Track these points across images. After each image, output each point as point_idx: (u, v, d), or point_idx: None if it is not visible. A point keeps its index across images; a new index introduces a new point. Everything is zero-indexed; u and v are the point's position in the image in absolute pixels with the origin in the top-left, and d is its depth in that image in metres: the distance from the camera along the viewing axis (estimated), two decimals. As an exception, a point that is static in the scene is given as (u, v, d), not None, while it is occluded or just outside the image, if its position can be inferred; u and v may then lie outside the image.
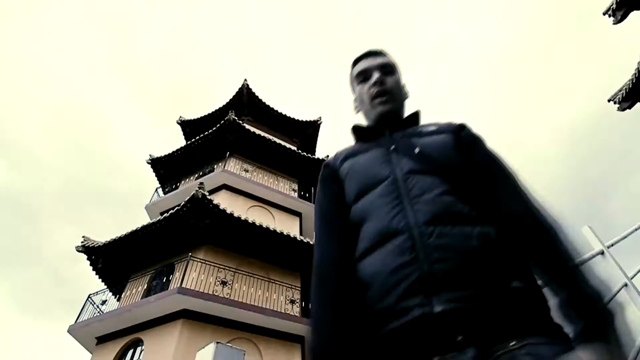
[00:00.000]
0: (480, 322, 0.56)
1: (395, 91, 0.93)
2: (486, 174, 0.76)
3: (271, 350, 8.89)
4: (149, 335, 8.49)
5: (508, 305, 0.57)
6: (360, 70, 0.96)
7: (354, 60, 1.01)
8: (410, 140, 0.83)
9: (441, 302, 0.57)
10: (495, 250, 0.63)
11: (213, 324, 8.53)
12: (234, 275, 9.71)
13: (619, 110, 11.29)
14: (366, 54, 0.99)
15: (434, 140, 0.82)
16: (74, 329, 9.03)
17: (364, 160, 0.83)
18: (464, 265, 0.60)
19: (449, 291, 0.57)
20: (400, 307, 0.59)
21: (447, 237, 0.63)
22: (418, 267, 0.61)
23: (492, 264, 0.61)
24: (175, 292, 8.08)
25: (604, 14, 10.73)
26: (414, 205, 0.69)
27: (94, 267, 10.75)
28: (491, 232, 0.65)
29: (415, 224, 0.66)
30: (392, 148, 0.82)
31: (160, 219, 9.80)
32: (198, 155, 14.00)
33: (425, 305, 0.57)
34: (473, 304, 0.56)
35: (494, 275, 0.59)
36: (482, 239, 0.63)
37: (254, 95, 15.89)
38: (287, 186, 13.72)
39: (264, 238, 10.32)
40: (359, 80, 0.97)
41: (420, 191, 0.70)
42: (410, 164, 0.76)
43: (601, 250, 2.78)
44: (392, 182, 0.74)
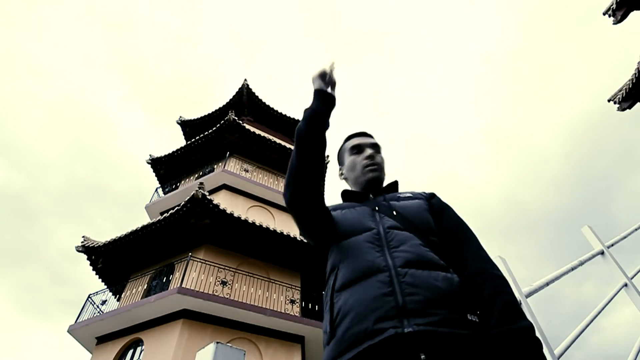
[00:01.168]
0: (441, 344, 0.69)
1: (382, 165, 1.16)
2: (454, 236, 0.95)
3: (271, 350, 8.89)
4: (149, 335, 8.49)
5: (465, 334, 0.71)
6: (355, 145, 1.19)
7: (348, 137, 1.25)
8: (389, 203, 1.03)
9: (410, 325, 0.70)
10: (456, 291, 0.78)
11: (213, 324, 8.54)
12: (234, 275, 9.71)
13: (619, 110, 11.28)
14: (359, 133, 1.24)
15: (409, 204, 1.03)
16: (74, 329, 9.03)
17: (354, 212, 1.02)
18: (430, 299, 0.74)
19: (417, 317, 0.71)
20: (377, 327, 0.72)
21: (417, 277, 0.79)
22: (394, 299, 0.75)
23: (453, 301, 0.76)
24: (175, 292, 8.08)
25: (604, 14, 10.73)
26: (392, 253, 0.85)
27: (94, 267, 10.76)
28: (454, 278, 0.81)
29: (393, 266, 0.82)
30: (376, 208, 1.01)
31: (160, 219, 9.81)
32: (198, 155, 14.01)
33: (398, 327, 0.71)
34: (437, 328, 0.70)
35: (454, 309, 0.74)
36: (445, 282, 0.79)
37: (254, 95, 15.91)
38: (287, 186, 13.70)
39: (264, 238, 10.33)
40: (352, 152, 1.19)
41: (398, 243, 0.88)
42: (390, 222, 0.95)
43: (601, 250, 2.78)
44: (376, 234, 0.92)
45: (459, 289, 0.79)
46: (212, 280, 9.25)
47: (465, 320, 0.73)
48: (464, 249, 0.91)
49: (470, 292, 0.81)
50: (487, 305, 0.77)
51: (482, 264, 0.86)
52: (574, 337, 1.84)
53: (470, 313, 0.75)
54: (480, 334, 0.73)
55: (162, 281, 9.95)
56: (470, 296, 0.80)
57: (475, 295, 0.80)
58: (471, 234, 0.96)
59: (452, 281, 0.80)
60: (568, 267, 2.25)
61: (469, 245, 0.92)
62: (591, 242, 2.87)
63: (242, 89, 15.77)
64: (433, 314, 0.72)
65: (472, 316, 0.75)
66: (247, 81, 15.86)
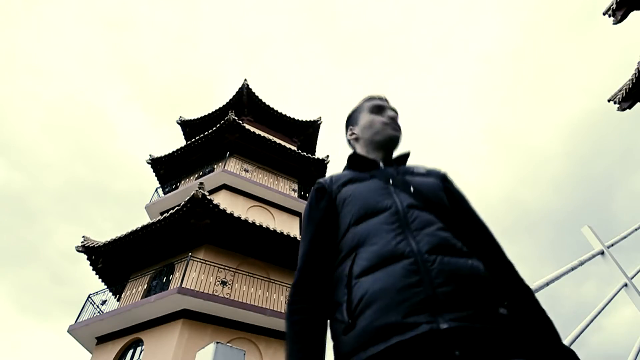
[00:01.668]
0: (475, 340, 0.64)
1: (400, 131, 1.07)
2: (476, 222, 0.92)
3: (271, 350, 8.89)
4: (149, 335, 8.49)
5: (497, 328, 0.66)
6: (377, 105, 1.10)
7: (369, 97, 1.15)
8: (404, 177, 0.93)
9: (445, 321, 0.64)
10: (486, 282, 0.73)
11: (213, 324, 8.54)
12: (234, 275, 9.71)
13: (619, 110, 11.28)
14: (382, 97, 1.14)
15: (426, 181, 0.94)
16: (74, 329, 9.03)
17: (365, 187, 0.91)
18: (462, 290, 0.69)
19: (450, 312, 0.65)
20: (408, 322, 0.65)
21: (446, 265, 0.72)
22: (424, 290, 0.68)
23: (483, 292, 0.71)
24: (175, 292, 8.08)
25: (604, 14, 10.73)
26: (415, 236, 0.77)
27: (94, 267, 10.76)
28: (481, 266, 0.76)
29: (419, 252, 0.74)
30: (391, 182, 0.91)
31: (160, 219, 9.80)
32: (198, 155, 14.01)
33: (432, 322, 0.64)
34: (471, 324, 0.65)
35: (485, 302, 0.69)
36: (475, 271, 0.73)
37: (254, 95, 15.90)
38: (287, 186, 13.72)
39: (264, 238, 10.33)
40: (372, 112, 1.09)
41: (421, 225, 0.79)
42: (410, 200, 0.86)
43: (601, 250, 2.78)
44: (394, 213, 0.83)
45: (488, 279, 0.74)
46: (212, 280, 9.25)
47: (497, 314, 0.68)
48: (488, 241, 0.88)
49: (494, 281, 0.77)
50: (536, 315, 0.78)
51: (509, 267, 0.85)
52: (574, 336, 1.84)
53: (500, 305, 0.71)
54: (512, 328, 0.69)
55: (162, 281, 9.95)
56: (496, 286, 0.75)
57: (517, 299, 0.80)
58: (492, 233, 0.92)
59: (480, 270, 0.74)
60: (568, 267, 2.24)
61: (489, 243, 0.89)
62: (591, 242, 2.87)
63: (242, 89, 15.76)
64: (466, 308, 0.66)
65: (502, 309, 0.70)
66: (247, 81, 15.86)
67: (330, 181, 0.99)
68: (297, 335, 0.76)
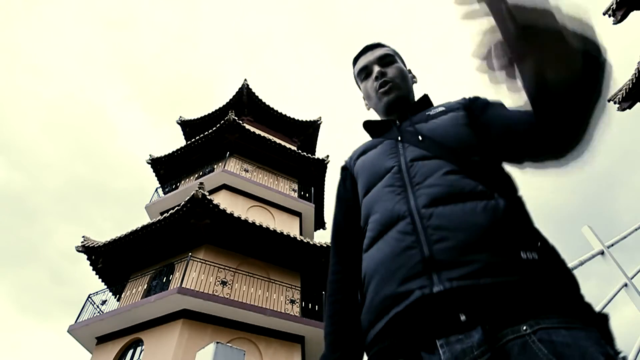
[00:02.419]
0: (485, 300, 0.52)
1: (398, 79, 0.93)
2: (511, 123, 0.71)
3: (271, 350, 8.89)
4: (149, 335, 8.49)
5: (517, 280, 0.53)
6: (361, 68, 0.98)
7: (353, 59, 1.02)
8: (415, 127, 0.82)
9: (441, 282, 0.55)
10: (502, 222, 0.59)
11: (213, 324, 8.54)
12: (234, 275, 9.71)
13: (619, 110, 11.28)
14: (364, 49, 1.00)
15: (441, 121, 0.81)
16: (74, 329, 9.02)
17: (373, 155, 0.85)
18: (466, 241, 0.57)
19: (450, 269, 0.56)
20: (402, 290, 0.59)
21: (447, 216, 0.62)
22: (419, 250, 0.60)
23: (498, 236, 0.57)
24: (175, 292, 8.08)
25: (604, 14, 10.73)
26: (416, 191, 0.68)
27: (94, 267, 10.75)
28: (499, 204, 0.62)
29: (416, 208, 0.66)
30: (399, 139, 0.82)
31: (160, 219, 9.80)
32: (198, 155, 14.00)
33: (425, 287, 0.56)
34: (476, 280, 0.53)
35: (500, 249, 0.56)
36: (486, 213, 0.60)
37: (254, 95, 15.89)
38: (287, 186, 13.72)
39: (264, 238, 10.32)
40: (361, 78, 0.99)
41: (423, 177, 0.70)
42: (415, 152, 0.76)
43: (601, 250, 2.78)
44: (396, 172, 0.75)
45: (509, 218, 0.60)
46: (212, 280, 9.25)
47: (517, 262, 0.54)
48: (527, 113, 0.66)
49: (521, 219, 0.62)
50: None
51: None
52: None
53: (526, 249, 0.56)
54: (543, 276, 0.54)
55: (162, 281, 9.95)
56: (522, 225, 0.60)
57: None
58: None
59: (496, 210, 0.60)
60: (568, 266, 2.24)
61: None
62: (591, 242, 2.87)
63: (242, 89, 15.76)
64: (471, 262, 0.55)
65: (529, 253, 0.56)
66: (247, 81, 15.85)
67: (350, 157, 0.94)
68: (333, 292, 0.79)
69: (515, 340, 0.49)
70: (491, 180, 0.67)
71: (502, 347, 0.49)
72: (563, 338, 0.47)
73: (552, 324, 0.49)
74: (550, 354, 0.46)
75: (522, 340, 0.48)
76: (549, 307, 0.51)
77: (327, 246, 10.71)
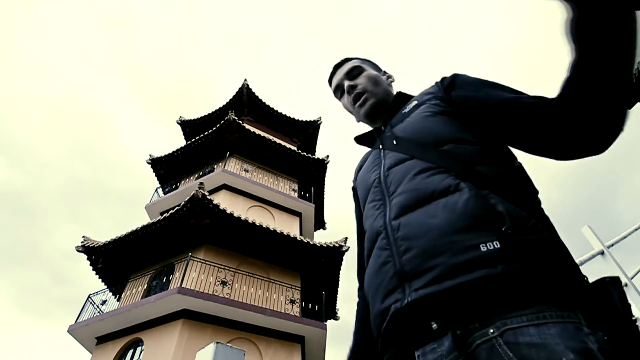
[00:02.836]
0: (451, 304, 0.51)
1: (370, 87, 0.93)
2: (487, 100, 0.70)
3: (271, 350, 8.89)
4: (149, 335, 8.49)
5: (480, 277, 0.50)
6: (335, 87, 1.01)
7: (328, 81, 1.05)
8: (392, 131, 0.81)
9: (411, 292, 0.55)
10: (460, 218, 0.56)
11: (213, 324, 8.54)
12: (234, 275, 9.71)
13: (619, 110, 11.29)
14: (333, 70, 1.03)
15: (413, 117, 0.79)
16: (74, 329, 9.03)
17: (364, 169, 0.85)
18: (426, 247, 0.56)
19: (416, 279, 0.55)
20: (384, 306, 0.60)
21: (410, 225, 0.61)
22: (393, 264, 0.60)
23: (457, 234, 0.55)
24: (175, 292, 8.08)
25: (604, 13, 10.73)
26: (390, 202, 0.68)
27: (94, 267, 10.75)
28: (460, 198, 0.58)
29: (389, 221, 0.65)
30: (381, 147, 0.81)
31: (160, 219, 9.80)
32: (198, 155, 14.01)
33: (398, 300, 0.57)
34: (439, 285, 0.52)
35: (458, 247, 0.53)
36: (445, 211, 0.58)
37: (254, 95, 15.90)
38: (287, 186, 13.72)
39: (264, 238, 10.32)
40: (338, 96, 1.02)
41: (395, 185, 0.69)
42: (392, 158, 0.75)
43: (601, 250, 2.78)
44: (376, 185, 0.74)
45: (468, 210, 0.56)
46: (212, 280, 9.25)
47: (477, 257, 0.51)
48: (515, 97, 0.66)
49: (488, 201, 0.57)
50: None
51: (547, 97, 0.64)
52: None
53: (487, 240, 0.53)
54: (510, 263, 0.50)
55: (162, 281, 9.95)
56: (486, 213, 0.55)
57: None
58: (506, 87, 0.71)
59: (455, 205, 0.57)
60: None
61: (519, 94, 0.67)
62: (591, 242, 2.87)
63: (242, 89, 15.76)
64: (432, 268, 0.54)
65: (488, 244, 0.52)
66: (247, 81, 15.85)
67: (355, 176, 0.95)
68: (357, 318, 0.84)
69: (484, 344, 0.48)
70: (463, 166, 0.63)
71: (472, 353, 0.48)
72: (530, 338, 0.45)
73: (520, 323, 0.47)
74: (515, 357, 0.44)
75: (489, 344, 0.47)
76: (518, 302, 0.48)
77: (327, 246, 10.72)
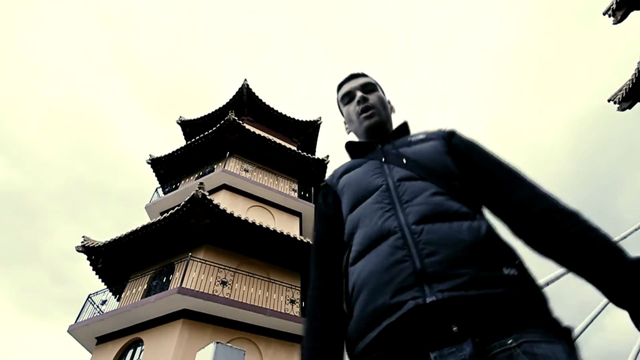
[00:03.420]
0: (474, 310, 0.57)
1: (379, 106, 1.00)
2: (491, 176, 0.80)
3: (271, 350, 8.89)
4: (149, 335, 8.49)
5: (501, 292, 0.58)
6: (345, 93, 1.05)
7: (338, 85, 1.10)
8: (399, 150, 0.89)
9: (433, 293, 0.59)
10: (485, 242, 0.65)
11: (213, 324, 8.53)
12: (234, 275, 9.71)
13: (619, 110, 11.28)
14: (348, 77, 1.08)
15: (423, 147, 0.88)
16: (74, 329, 9.03)
17: (358, 173, 0.89)
18: (454, 257, 0.62)
19: (440, 282, 0.60)
20: (395, 301, 0.61)
21: (436, 233, 0.66)
22: (411, 263, 0.64)
23: (482, 254, 0.63)
24: (175, 292, 8.08)
25: (604, 14, 10.73)
26: (405, 209, 0.73)
27: (94, 267, 10.75)
28: (482, 225, 0.68)
29: (406, 225, 0.70)
30: (384, 160, 0.87)
31: (160, 219, 9.80)
32: (198, 155, 14.01)
33: (418, 297, 0.59)
34: (465, 292, 0.58)
35: (484, 264, 0.61)
36: (471, 232, 0.66)
37: (254, 95, 15.90)
38: (287, 186, 13.72)
39: (264, 238, 10.32)
40: (345, 102, 1.06)
41: (411, 196, 0.75)
42: (401, 173, 0.81)
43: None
44: (384, 190, 0.79)
45: (491, 238, 0.66)
46: (212, 280, 9.25)
47: (500, 277, 0.60)
48: (511, 188, 0.75)
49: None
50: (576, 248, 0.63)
51: (546, 203, 0.71)
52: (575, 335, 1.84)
53: (507, 266, 0.62)
54: (523, 290, 0.60)
55: (162, 281, 9.95)
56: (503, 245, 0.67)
57: (550, 241, 0.67)
58: (515, 171, 0.79)
59: (479, 230, 0.67)
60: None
61: (516, 183, 0.76)
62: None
63: (242, 88, 15.76)
64: (459, 275, 0.59)
65: (509, 269, 0.62)
66: (247, 81, 15.85)
67: (332, 176, 0.98)
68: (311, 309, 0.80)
69: (503, 352, 0.53)
70: (471, 204, 0.75)
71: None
72: (544, 350, 0.52)
73: (534, 338, 0.54)
74: None
75: (509, 352, 0.52)
76: (529, 322, 0.56)
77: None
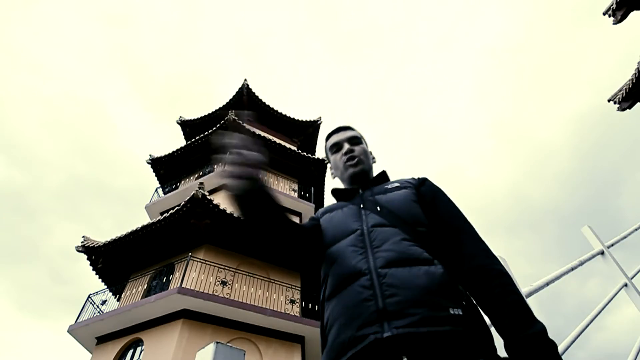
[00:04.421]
0: (424, 345, 0.67)
1: (363, 157, 1.14)
2: (447, 225, 0.91)
3: (271, 350, 8.89)
4: (149, 335, 8.49)
5: (447, 330, 0.68)
6: (333, 143, 1.18)
7: (327, 135, 1.23)
8: (375, 198, 1.01)
9: (390, 329, 0.69)
10: (438, 286, 0.75)
11: (213, 324, 8.54)
12: (234, 275, 9.71)
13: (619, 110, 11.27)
14: (337, 129, 1.22)
15: (395, 195, 0.99)
16: (74, 329, 9.03)
17: (339, 215, 1.01)
18: (410, 298, 0.73)
19: (398, 319, 0.70)
20: (359, 334, 0.72)
21: (397, 277, 0.77)
22: (375, 302, 0.74)
23: (434, 296, 0.73)
24: (175, 292, 8.08)
25: (604, 14, 10.72)
26: (375, 253, 0.84)
27: (94, 267, 10.76)
28: (437, 270, 0.78)
29: (374, 268, 0.80)
30: (362, 206, 0.99)
31: (160, 219, 9.81)
32: (198, 155, 14.01)
33: (378, 332, 0.70)
34: (416, 329, 0.68)
35: (434, 305, 0.71)
36: (427, 277, 0.76)
37: (254, 95, 15.91)
38: (287, 186, 13.73)
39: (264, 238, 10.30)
40: (332, 151, 1.19)
41: (381, 242, 0.86)
42: (375, 219, 0.93)
43: (601, 250, 2.78)
44: (359, 235, 0.90)
45: (442, 282, 0.76)
46: (212, 280, 9.25)
47: (447, 316, 0.70)
48: (460, 240, 0.87)
49: (454, 284, 0.78)
50: (495, 306, 0.74)
51: (483, 259, 0.82)
52: (575, 335, 1.84)
53: (454, 307, 0.72)
54: (466, 327, 0.70)
55: (162, 281, 9.95)
56: (454, 289, 0.77)
57: (479, 293, 0.77)
58: (466, 224, 0.92)
59: (434, 275, 0.77)
60: (568, 267, 2.25)
61: (464, 236, 0.88)
62: (591, 242, 2.87)
63: (242, 88, 15.77)
64: (413, 314, 0.70)
65: (455, 309, 0.72)
66: (247, 81, 15.87)
67: (319, 212, 1.12)
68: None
69: None
70: (432, 249, 0.85)
71: None
72: None
73: None
74: None
75: None
76: (471, 356, 0.67)
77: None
